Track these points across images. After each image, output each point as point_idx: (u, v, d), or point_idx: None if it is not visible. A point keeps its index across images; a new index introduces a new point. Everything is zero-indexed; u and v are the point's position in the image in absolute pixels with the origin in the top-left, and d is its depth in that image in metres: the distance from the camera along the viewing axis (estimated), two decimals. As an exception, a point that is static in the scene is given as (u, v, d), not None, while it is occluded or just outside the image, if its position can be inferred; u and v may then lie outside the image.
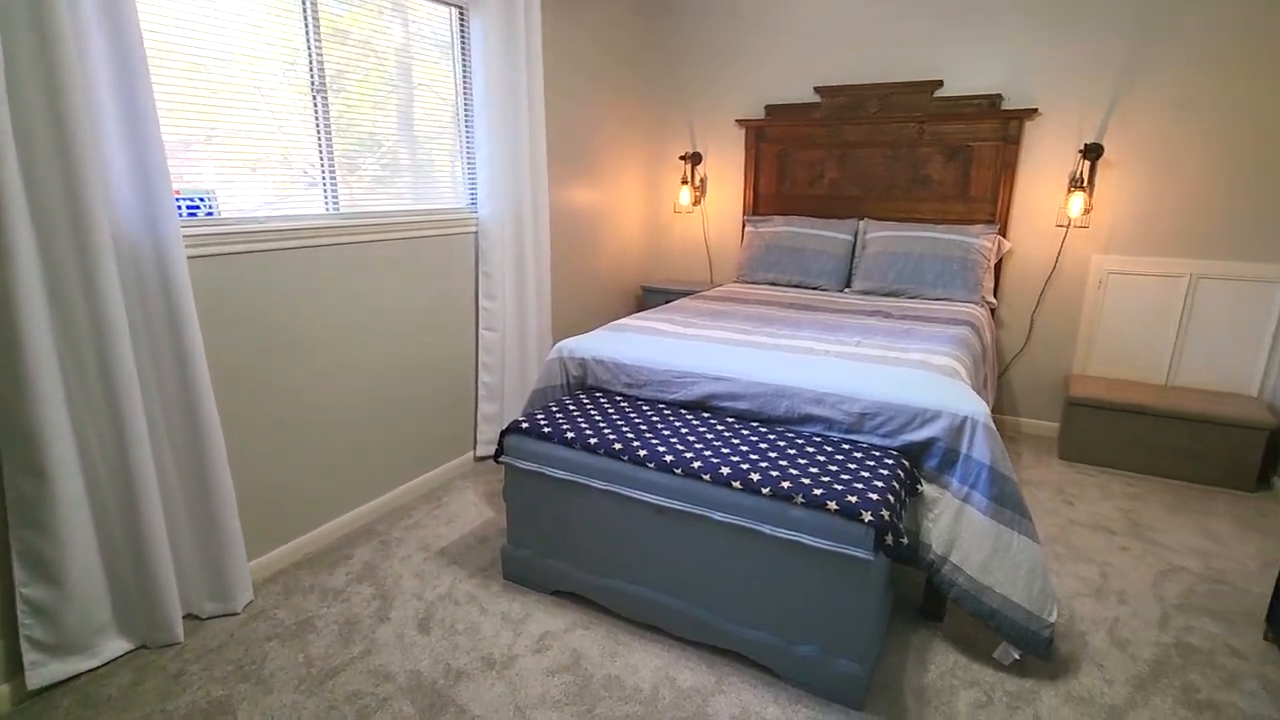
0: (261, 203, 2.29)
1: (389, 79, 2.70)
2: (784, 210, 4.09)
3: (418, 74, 2.83)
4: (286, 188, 2.37)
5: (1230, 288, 3.23)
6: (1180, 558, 2.51)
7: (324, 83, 2.42)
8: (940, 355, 2.34)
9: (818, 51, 3.87)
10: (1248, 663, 1.97)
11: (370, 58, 2.60)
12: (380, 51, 2.64)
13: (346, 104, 2.53)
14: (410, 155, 2.85)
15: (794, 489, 1.77)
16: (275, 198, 2.33)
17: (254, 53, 2.21)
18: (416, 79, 2.83)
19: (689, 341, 2.55)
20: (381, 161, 2.71)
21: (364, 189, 2.65)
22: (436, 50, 2.88)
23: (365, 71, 2.59)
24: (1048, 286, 3.58)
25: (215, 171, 2.16)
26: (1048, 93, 3.39)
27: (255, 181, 2.28)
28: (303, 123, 2.38)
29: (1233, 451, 3.04)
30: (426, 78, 2.87)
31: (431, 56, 2.87)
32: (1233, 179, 3.14)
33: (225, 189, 2.19)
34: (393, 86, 2.72)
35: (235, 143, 2.19)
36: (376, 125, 2.66)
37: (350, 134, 2.56)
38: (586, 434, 2.10)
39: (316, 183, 2.46)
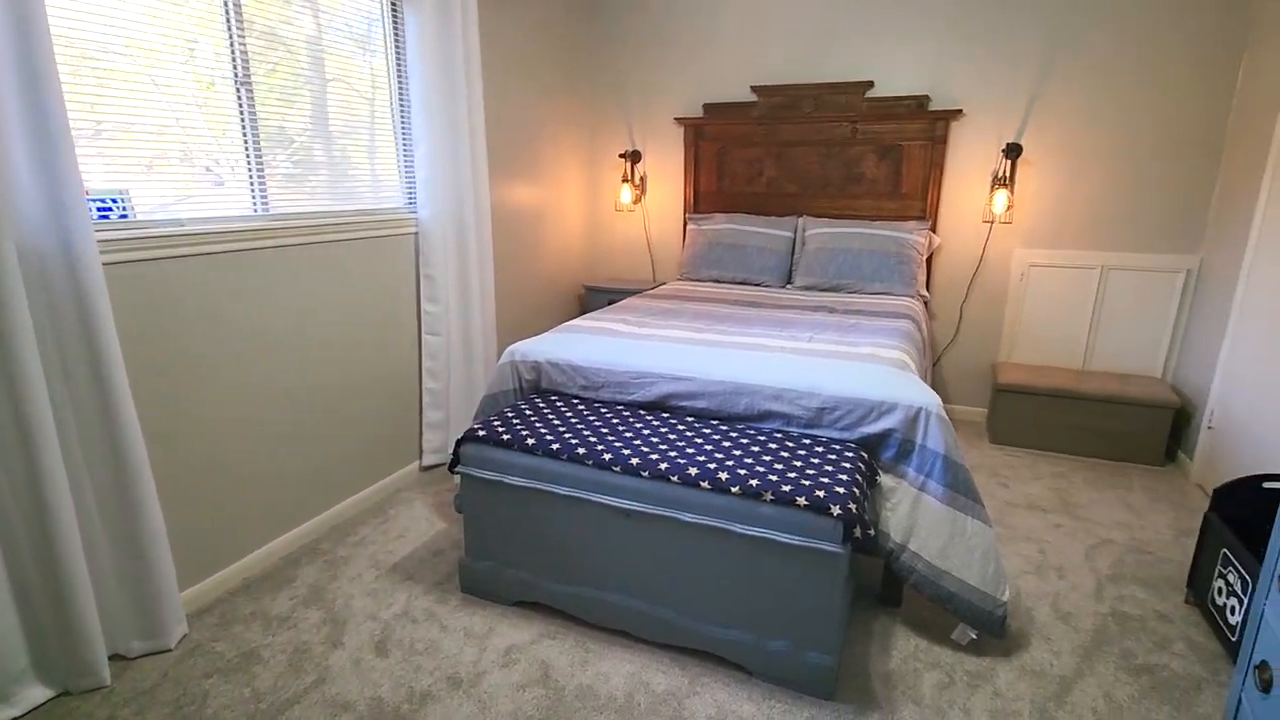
0: (167, 202, 2.11)
1: (322, 73, 2.55)
2: (725, 208, 4.13)
3: (351, 68, 2.69)
4: (191, 187, 2.18)
5: (1137, 278, 3.47)
6: (1107, 531, 2.68)
7: (248, 74, 2.26)
8: (889, 349, 2.41)
9: (753, 51, 3.92)
10: (1174, 625, 2.12)
11: (298, 49, 2.45)
12: (307, 44, 2.48)
13: (277, 98, 2.37)
14: (346, 153, 2.70)
15: (762, 486, 1.78)
16: (181, 198, 2.15)
17: (162, 39, 2.03)
18: (348, 73, 2.68)
19: (644, 341, 2.53)
20: (314, 160, 2.56)
21: (296, 189, 2.49)
22: (369, 45, 2.75)
23: (295, 64, 2.44)
24: (975, 279, 3.76)
25: (109, 169, 1.95)
26: (971, 95, 3.56)
27: (164, 180, 2.09)
28: (222, 118, 2.22)
29: (1143, 430, 3.27)
30: (363, 73, 2.73)
31: (365, 50, 2.73)
32: (1137, 178, 3.38)
33: (136, 188, 2.01)
34: (323, 80, 2.57)
35: (136, 137, 2.00)
36: (305, 120, 2.50)
37: (277, 129, 2.40)
38: (547, 439, 2.05)
39: (231, 181, 2.29)
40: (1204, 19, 3.14)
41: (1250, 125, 2.99)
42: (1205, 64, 3.17)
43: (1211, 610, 2.06)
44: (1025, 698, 1.82)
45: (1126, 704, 1.80)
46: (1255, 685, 1.47)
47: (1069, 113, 3.42)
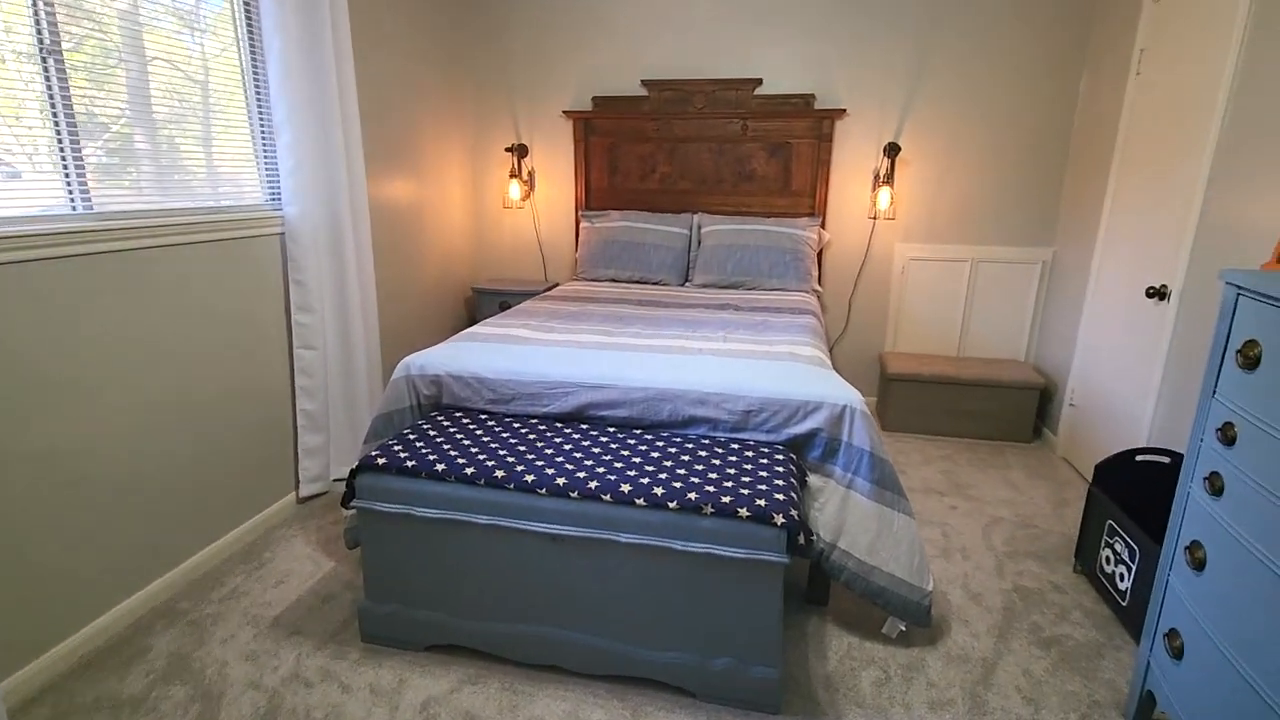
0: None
1: (141, 52, 2.14)
2: (618, 204, 4.02)
3: (176, 47, 2.29)
4: None
5: (1002, 269, 3.76)
6: (996, 509, 2.86)
7: (57, 43, 1.84)
8: (804, 346, 2.41)
9: (643, 44, 3.84)
10: (1068, 595, 2.27)
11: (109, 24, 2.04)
12: (120, 17, 2.08)
13: (85, 78, 1.96)
14: (174, 143, 2.30)
15: (702, 499, 1.69)
16: (-6, 193, 1.73)
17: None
18: (172, 53, 2.29)
19: (555, 348, 2.36)
20: (136, 150, 2.16)
21: (119, 182, 2.08)
22: (197, 22, 2.35)
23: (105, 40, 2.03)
24: (861, 273, 3.91)
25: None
26: (853, 94, 3.68)
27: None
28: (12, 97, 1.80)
29: (1014, 410, 3.55)
30: (191, 53, 2.34)
31: (193, 29, 2.34)
32: (999, 177, 3.65)
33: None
34: (142, 60, 2.16)
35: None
36: (121, 104, 2.10)
37: (85, 114, 1.99)
38: (459, 464, 1.84)
39: (31, 173, 1.87)
40: (1052, 38, 3.43)
41: (1092, 133, 3.30)
42: (1054, 78, 3.47)
43: (1100, 578, 2.23)
44: (956, 684, 1.86)
45: (1044, 678, 1.89)
46: (1167, 652, 1.58)
47: (939, 116, 3.63)
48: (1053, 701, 1.81)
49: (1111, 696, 1.82)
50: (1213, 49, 2.38)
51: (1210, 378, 1.50)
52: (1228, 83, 2.28)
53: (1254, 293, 1.38)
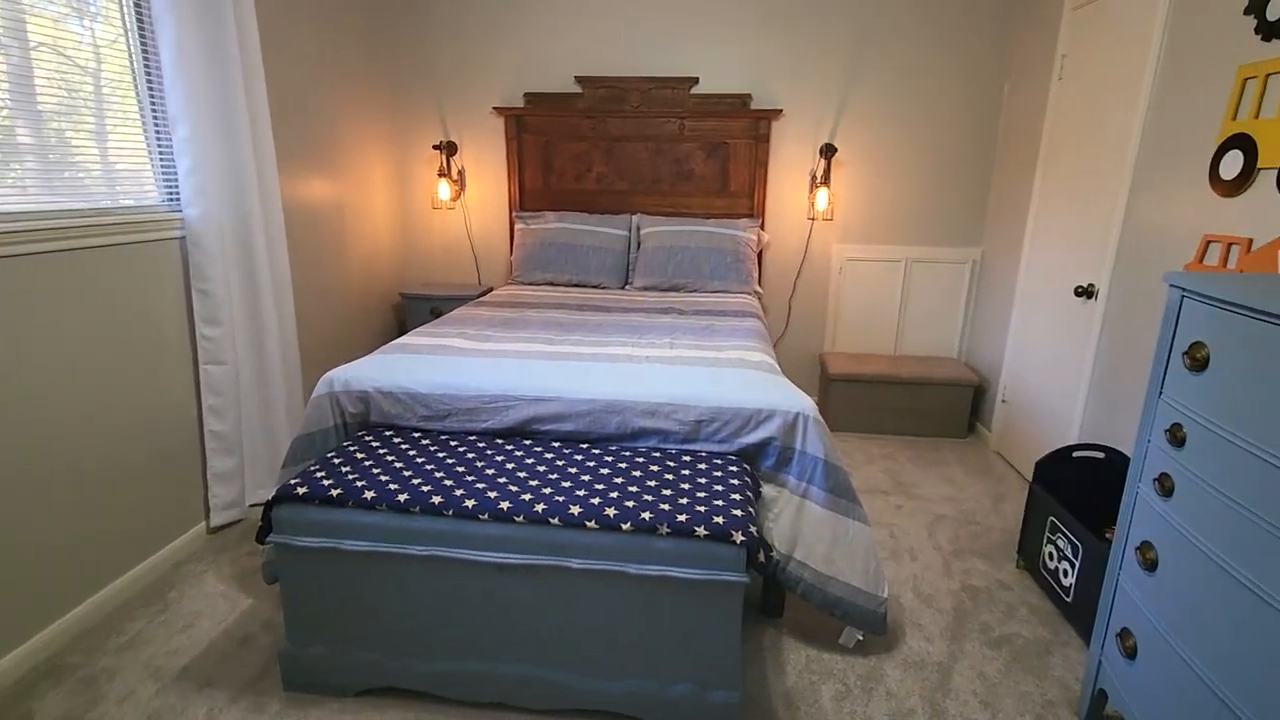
0: None
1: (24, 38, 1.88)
2: (554, 205, 3.89)
3: (64, 34, 2.03)
4: None
5: (935, 269, 3.83)
6: (938, 506, 2.89)
7: (-104, 16, 1.58)
8: (753, 351, 2.35)
9: (576, 39, 3.72)
10: (1014, 592, 2.30)
11: (-18, -13, 1.77)
12: (-1, -21, 1.82)
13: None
14: (64, 138, 2.04)
15: (656, 518, 1.59)
16: None
17: None
18: (60, 40, 2.03)
19: (493, 359, 2.22)
20: (18, 144, 1.89)
21: None
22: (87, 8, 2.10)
23: (-26, 6, 1.76)
24: (800, 274, 3.91)
25: None
26: (789, 95, 3.67)
27: None
28: None
29: (949, 407, 3.62)
30: (81, 41, 2.08)
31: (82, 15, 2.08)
32: (929, 179, 3.72)
33: None
34: (24, 47, 1.90)
35: None
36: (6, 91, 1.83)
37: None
38: (391, 490, 1.68)
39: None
40: (976, 43, 3.51)
41: (1016, 136, 3.40)
42: (979, 82, 3.56)
43: (1043, 574, 2.27)
44: (915, 693, 1.84)
45: (997, 680, 1.89)
46: (1120, 651, 1.59)
47: (872, 118, 3.67)
48: (1008, 704, 1.81)
49: (1063, 695, 1.84)
50: (1132, 57, 2.46)
51: (1156, 379, 1.52)
52: (1147, 90, 2.36)
53: (1198, 295, 1.40)
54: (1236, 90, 1.97)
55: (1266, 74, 1.87)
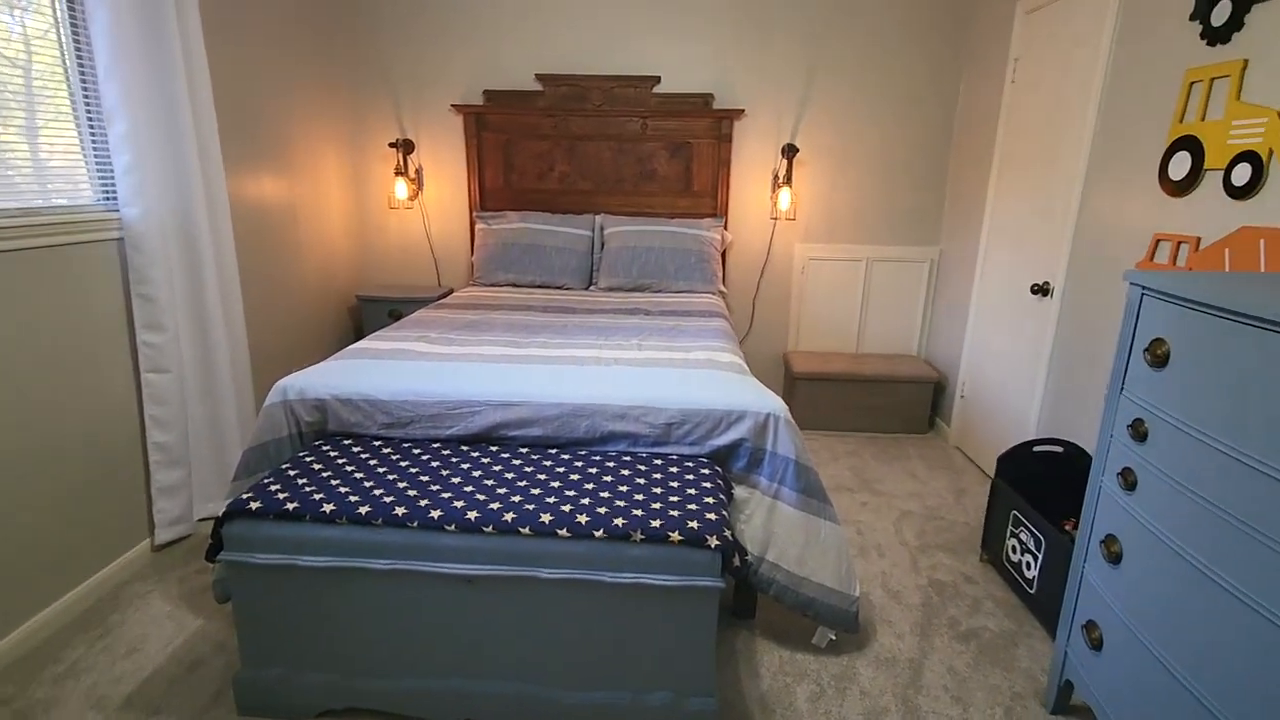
0: None
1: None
2: (515, 205, 3.82)
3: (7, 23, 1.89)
4: None
5: (894, 268, 3.89)
6: (903, 502, 2.93)
7: None
8: (722, 352, 2.33)
9: (537, 37, 3.65)
10: (979, 585, 2.34)
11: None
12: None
13: None
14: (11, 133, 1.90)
15: (630, 524, 1.56)
16: None
17: None
18: (-13, 12, 1.89)
19: (456, 363, 2.16)
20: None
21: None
22: None
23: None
24: (764, 274, 3.93)
25: None
26: (751, 95, 3.68)
27: None
28: None
29: (910, 403, 3.68)
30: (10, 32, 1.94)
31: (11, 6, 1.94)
32: (888, 178, 3.77)
33: None
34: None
35: None
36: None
37: None
38: (352, 502, 1.61)
39: None
40: (931, 45, 3.57)
41: (971, 137, 3.47)
42: (934, 83, 3.62)
43: (1007, 567, 2.31)
44: (888, 691, 1.85)
45: (967, 674, 1.91)
46: (1086, 643, 1.62)
47: (832, 118, 3.70)
48: (978, 698, 1.83)
49: (1031, 686, 1.87)
50: (1083, 61, 2.53)
51: (1117, 376, 1.55)
52: (1098, 93, 2.42)
53: (1158, 292, 1.43)
54: (1184, 94, 2.04)
55: (1212, 78, 1.94)
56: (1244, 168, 1.81)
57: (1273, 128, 1.74)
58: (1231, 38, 1.88)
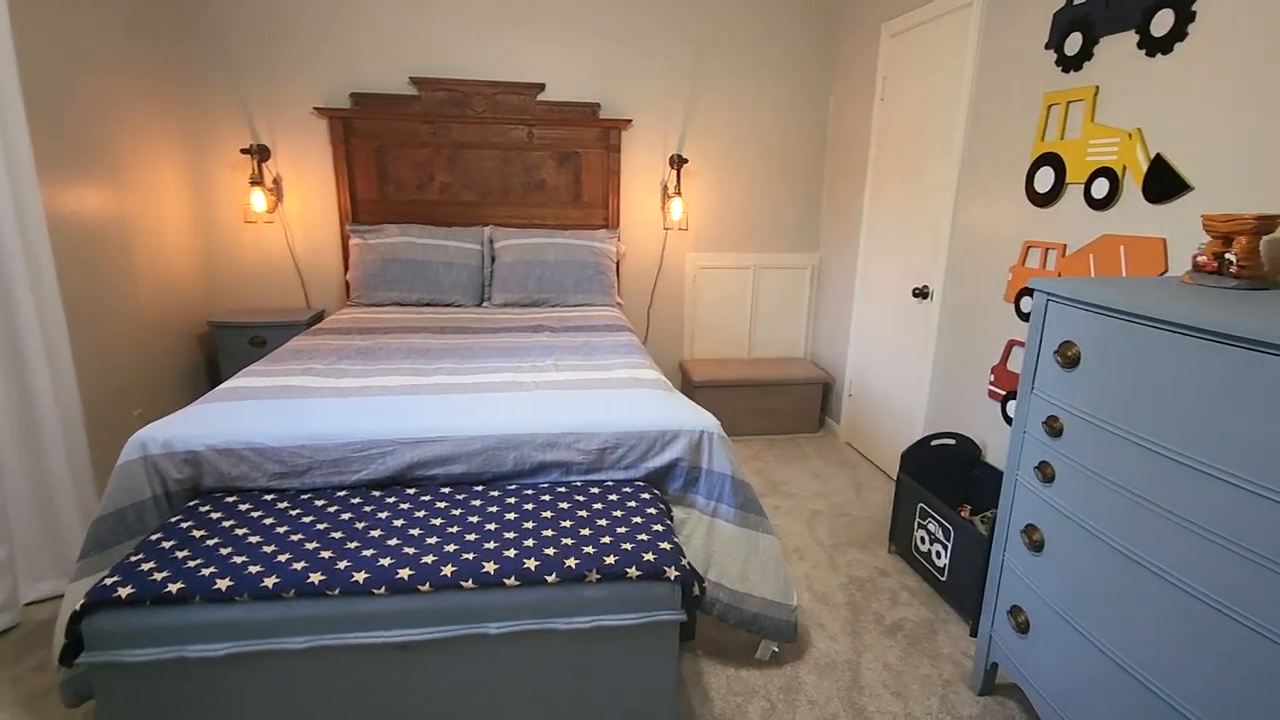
0: None
1: None
2: (394, 217, 3.53)
3: None
4: None
5: (780, 274, 4.04)
6: (811, 502, 3.02)
7: None
8: (643, 369, 2.28)
9: (409, 38, 3.41)
10: (892, 578, 2.46)
11: None
12: None
13: None
14: None
15: (584, 564, 1.45)
16: None
17: None
18: None
19: (356, 397, 1.93)
20: None
21: None
22: None
23: None
24: (657, 284, 3.93)
25: None
26: (638, 105, 3.66)
27: None
28: None
29: (803, 404, 3.83)
30: None
31: None
32: (770, 188, 3.91)
33: None
34: None
35: None
36: None
37: None
38: (253, 573, 1.37)
39: None
40: (804, 61, 3.75)
41: (844, 150, 3.67)
42: (808, 98, 3.80)
43: (916, 557, 2.44)
44: (834, 696, 1.87)
45: (900, 668, 1.99)
46: (1012, 627, 1.72)
47: (715, 129, 3.77)
48: (914, 690, 1.90)
49: (957, 672, 1.97)
50: (948, 83, 2.74)
51: (1028, 376, 1.66)
52: (964, 112, 2.63)
53: (1062, 297, 1.55)
54: (1044, 115, 2.26)
55: (1068, 101, 2.16)
56: (1102, 182, 2.03)
57: (1125, 147, 1.96)
58: (1083, 66, 2.11)
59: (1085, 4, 2.08)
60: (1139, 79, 1.91)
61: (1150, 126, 1.88)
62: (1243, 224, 1.46)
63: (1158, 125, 1.86)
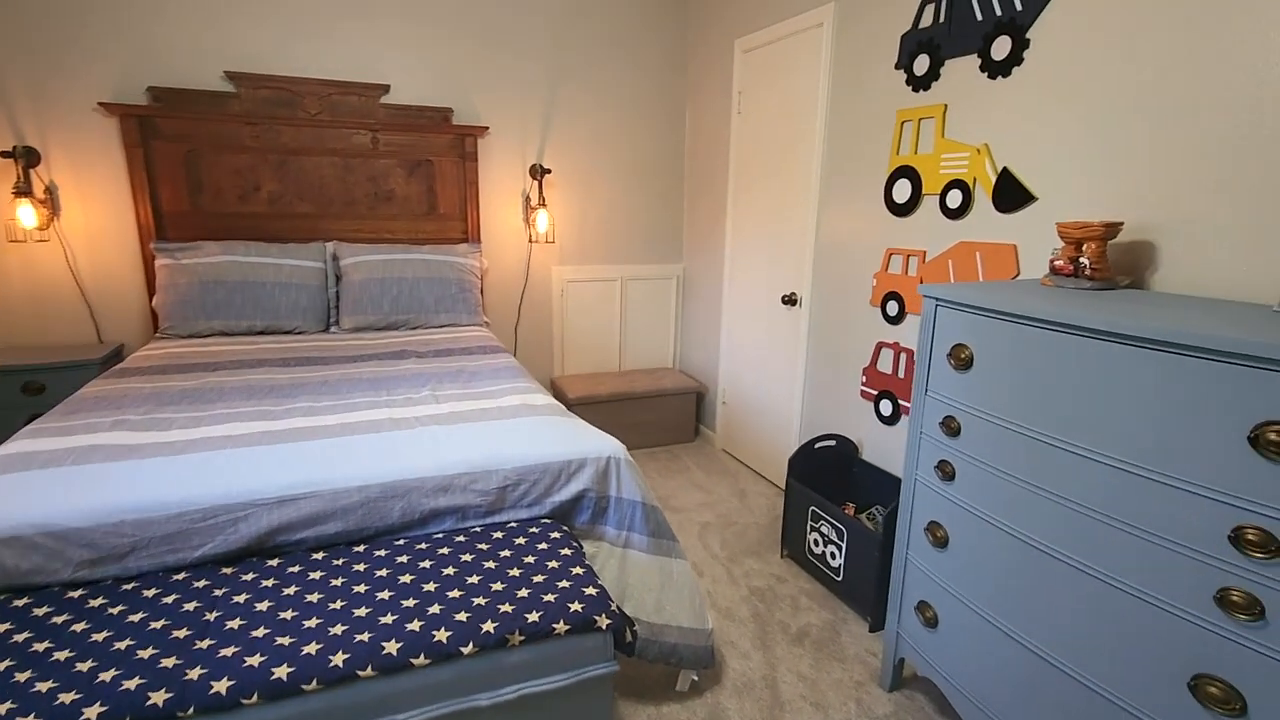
0: None
1: None
2: (211, 233, 3.04)
3: None
4: None
5: (646, 285, 4.02)
6: (698, 514, 3.00)
7: None
8: (533, 394, 2.11)
9: (225, 26, 2.95)
10: (789, 583, 2.48)
11: None
12: None
13: None
14: None
15: (504, 626, 1.27)
16: None
17: None
18: None
19: (190, 454, 1.58)
20: None
21: None
22: None
23: None
24: (524, 300, 3.74)
25: None
26: (494, 112, 3.47)
27: None
28: None
29: (678, 414, 3.83)
30: None
31: None
32: (634, 200, 3.88)
33: None
34: None
35: None
36: None
37: None
38: (60, 704, 1.04)
39: None
40: (660, 72, 3.76)
41: (704, 162, 3.73)
42: (666, 109, 3.82)
43: (810, 560, 2.48)
44: (757, 718, 1.82)
45: (814, 676, 1.99)
46: (920, 622, 1.78)
47: (578, 141, 3.67)
48: (831, 698, 1.91)
49: (866, 671, 2.01)
50: (804, 99, 2.86)
51: (921, 379, 1.73)
52: (821, 128, 2.75)
53: (951, 302, 1.62)
54: (898, 131, 2.41)
55: (919, 118, 2.32)
56: (956, 193, 2.19)
57: (975, 161, 2.12)
58: (931, 86, 2.27)
59: (931, 28, 2.24)
60: (984, 99, 2.08)
61: (996, 142, 2.06)
62: (1093, 231, 1.61)
63: (1003, 141, 2.03)
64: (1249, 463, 1.06)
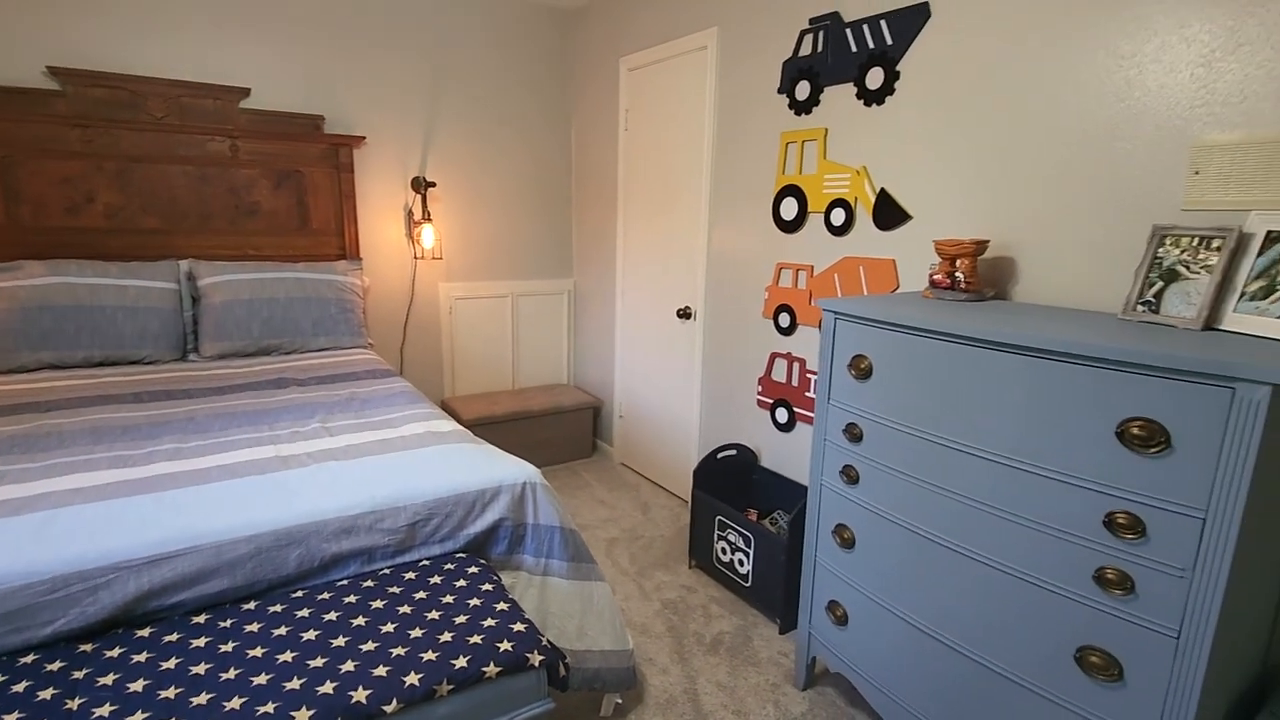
0: None
1: None
2: (33, 251, 2.63)
3: None
4: None
5: (537, 301, 3.95)
6: (604, 530, 2.98)
7: None
8: (436, 420, 1.99)
9: (46, 14, 2.58)
10: (699, 592, 2.52)
11: None
12: None
13: None
14: None
15: (429, 676, 1.19)
16: None
17: None
18: None
19: (30, 513, 1.34)
20: None
21: None
22: None
23: None
24: (409, 319, 3.55)
25: None
26: (371, 122, 3.28)
27: None
28: None
29: (576, 431, 3.79)
30: None
31: None
32: (522, 215, 3.81)
33: None
34: None
35: None
36: None
37: None
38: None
39: None
40: (544, 87, 3.73)
41: (592, 178, 3.73)
42: (551, 123, 3.79)
43: (719, 568, 2.53)
44: (683, 733, 1.83)
45: (732, 684, 2.02)
46: (831, 621, 1.86)
47: (461, 154, 3.55)
48: (750, 704, 1.94)
49: (780, 672, 2.07)
50: (691, 118, 2.93)
51: (824, 389, 1.81)
52: (709, 147, 2.84)
53: (849, 315, 1.72)
54: (783, 151, 2.53)
55: (803, 140, 2.45)
56: (839, 211, 2.33)
57: (855, 181, 2.27)
58: (812, 110, 2.40)
59: (810, 57, 2.37)
60: (861, 124, 2.23)
61: (874, 165, 2.21)
62: (964, 248, 1.77)
63: (880, 164, 2.19)
64: (1117, 455, 1.20)
